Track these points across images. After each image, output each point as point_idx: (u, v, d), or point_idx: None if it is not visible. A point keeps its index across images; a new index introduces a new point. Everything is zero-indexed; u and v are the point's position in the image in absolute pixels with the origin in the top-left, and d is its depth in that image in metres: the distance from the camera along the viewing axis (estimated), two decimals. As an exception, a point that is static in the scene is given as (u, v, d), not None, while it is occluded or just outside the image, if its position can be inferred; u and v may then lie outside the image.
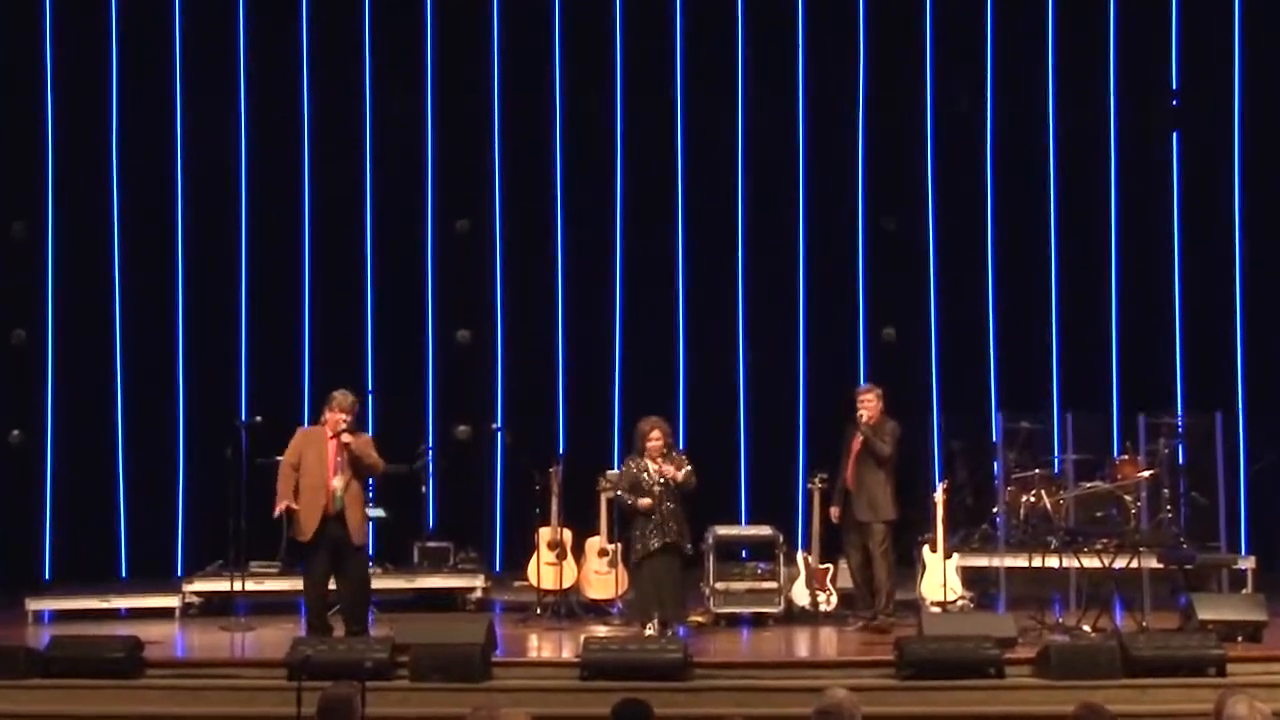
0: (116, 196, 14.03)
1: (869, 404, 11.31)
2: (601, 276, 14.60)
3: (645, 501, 10.97)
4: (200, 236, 14.17)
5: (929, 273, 14.63)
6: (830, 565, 11.92)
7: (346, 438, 10.37)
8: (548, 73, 14.51)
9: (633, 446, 11.37)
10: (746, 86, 14.57)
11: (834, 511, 11.45)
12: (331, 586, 10.62)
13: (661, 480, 10.99)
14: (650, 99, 14.54)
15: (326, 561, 10.44)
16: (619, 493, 11.19)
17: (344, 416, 10.42)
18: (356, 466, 10.40)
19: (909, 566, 12.21)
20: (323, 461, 10.38)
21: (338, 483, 10.37)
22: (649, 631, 10.80)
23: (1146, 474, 12.07)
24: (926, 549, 11.94)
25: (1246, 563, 12.36)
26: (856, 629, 11.27)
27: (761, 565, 11.93)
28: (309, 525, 10.38)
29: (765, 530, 12.21)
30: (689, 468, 11.06)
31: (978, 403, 14.17)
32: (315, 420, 10.94)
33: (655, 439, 11.04)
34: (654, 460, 11.01)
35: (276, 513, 10.43)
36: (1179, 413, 13.37)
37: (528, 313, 14.60)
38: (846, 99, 14.57)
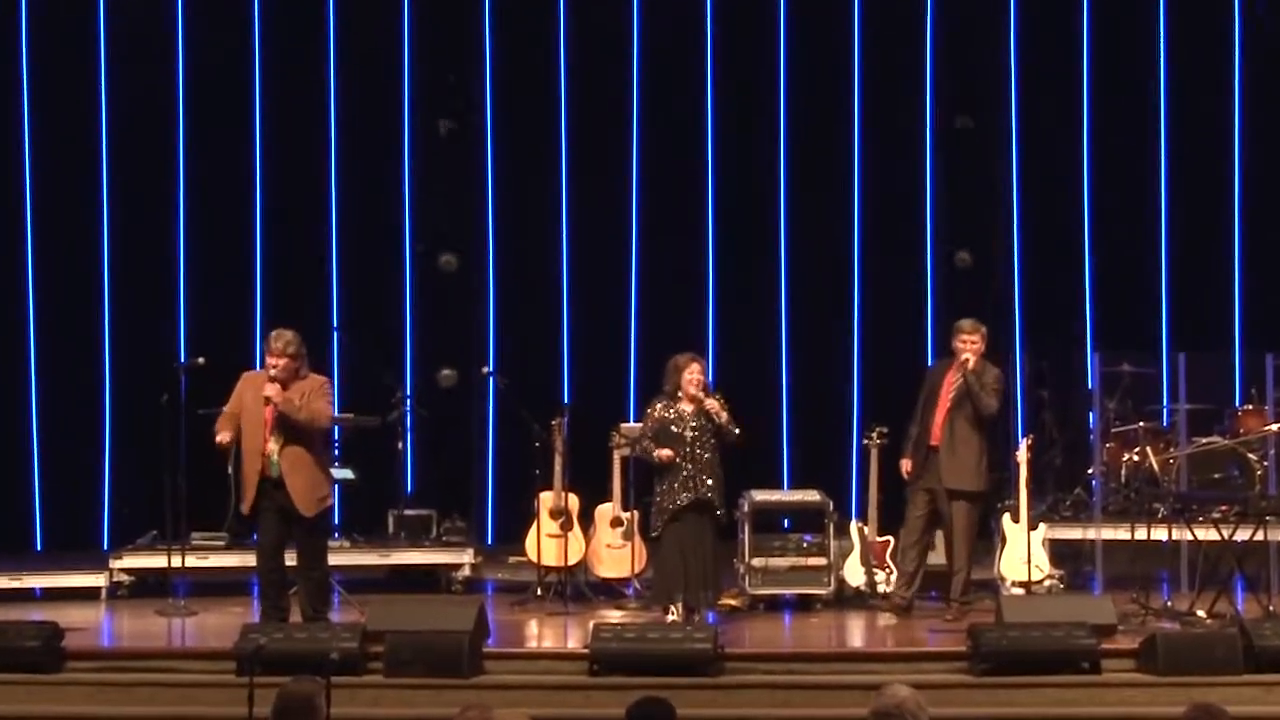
0: (27, 104, 14.04)
1: (974, 344, 11.17)
2: (615, 191, 14.58)
3: (666, 453, 10.86)
4: (128, 149, 14.19)
5: (1011, 184, 14.61)
6: (890, 538, 11.90)
7: (269, 390, 10.24)
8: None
9: (653, 393, 11.32)
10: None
11: (905, 465, 11.38)
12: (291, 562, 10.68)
13: (699, 423, 10.91)
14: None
15: (276, 532, 10.43)
16: (645, 442, 11.08)
17: (274, 361, 10.31)
18: (290, 424, 10.29)
19: (985, 539, 12.19)
20: (259, 417, 10.32)
21: (273, 444, 10.30)
22: (671, 617, 10.80)
23: (1275, 427, 12.03)
24: (1007, 518, 11.92)
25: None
26: (890, 609, 11.31)
27: (807, 538, 11.93)
28: (248, 493, 10.36)
29: (812, 496, 12.22)
30: (729, 415, 11.01)
31: (1070, 341, 14.15)
32: (271, 363, 10.96)
33: (695, 373, 10.99)
34: (692, 402, 10.99)
35: (218, 440, 10.30)
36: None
37: (525, 233, 14.58)
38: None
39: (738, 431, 10.96)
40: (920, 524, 11.29)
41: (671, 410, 10.98)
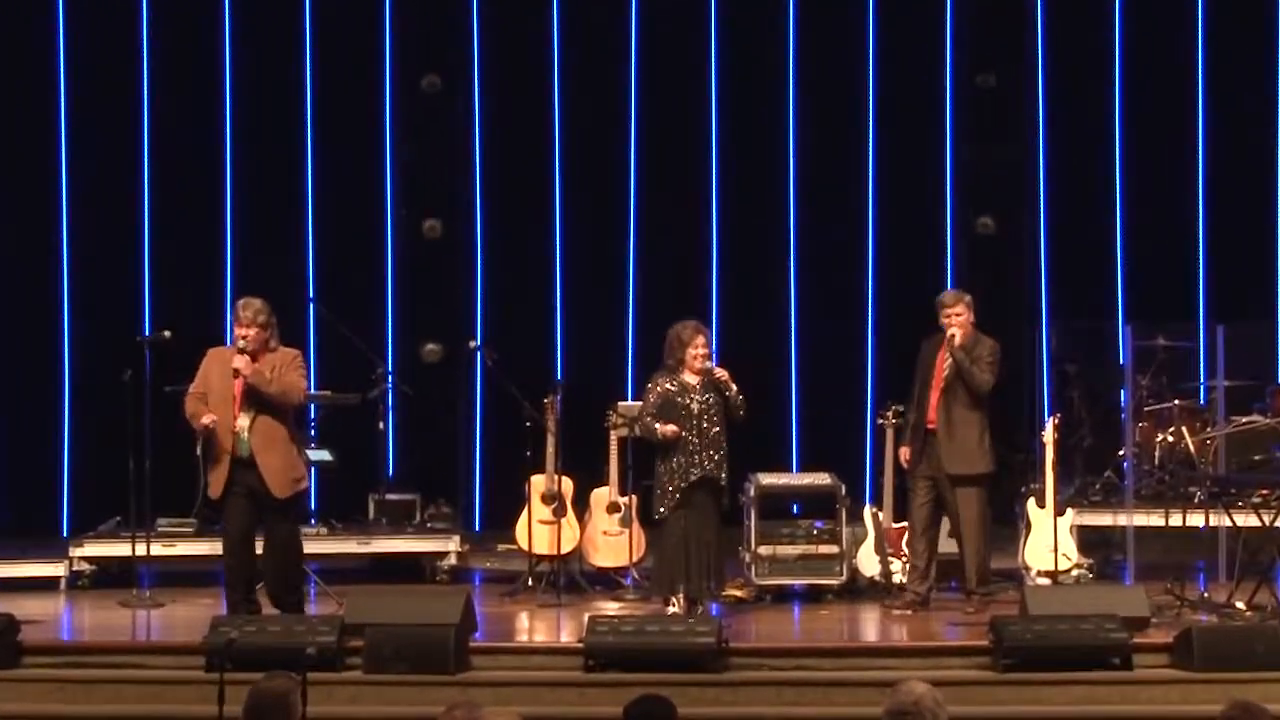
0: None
1: (958, 317, 11.18)
2: (613, 151, 14.57)
3: (670, 428, 10.83)
4: (87, 106, 14.17)
5: (1037, 145, 14.59)
6: (907, 524, 11.80)
7: (237, 361, 10.24)
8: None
9: (654, 368, 11.30)
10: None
11: (904, 453, 11.42)
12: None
13: (706, 395, 10.88)
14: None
15: (244, 519, 10.43)
16: (646, 419, 11.05)
17: (243, 332, 10.30)
18: (261, 398, 10.28)
19: (1009, 526, 12.20)
20: (228, 393, 10.33)
21: (242, 420, 10.31)
22: (672, 609, 10.80)
23: (1321, 405, 12.09)
24: (1032, 503, 11.92)
25: None
26: (901, 609, 11.28)
27: (818, 524, 11.94)
28: (217, 475, 10.34)
29: (823, 479, 12.21)
30: (737, 387, 10.99)
31: (1099, 312, 14.12)
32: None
33: (701, 346, 10.99)
34: (697, 374, 10.96)
35: (204, 423, 10.28)
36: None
37: (516, 196, 14.57)
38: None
39: (742, 404, 10.95)
40: (925, 514, 11.27)
41: (674, 382, 10.97)
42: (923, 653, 10.17)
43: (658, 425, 10.90)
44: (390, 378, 13.37)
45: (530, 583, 11.95)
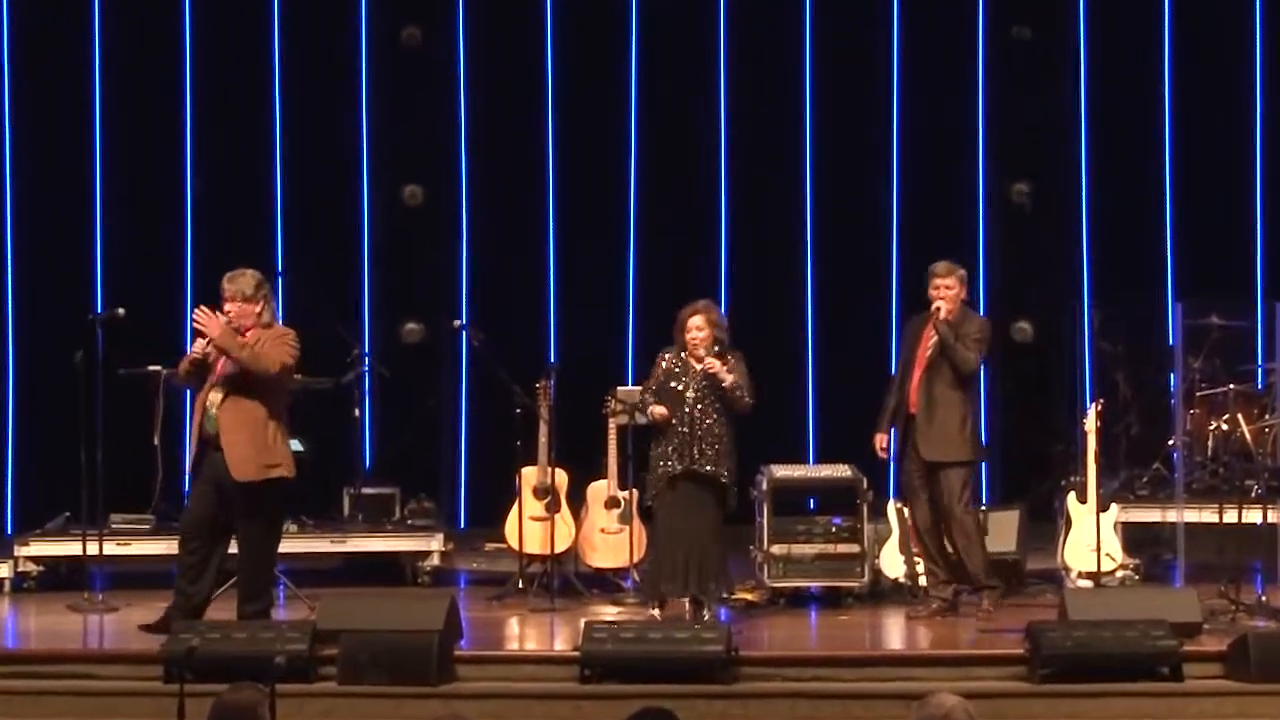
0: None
1: (947, 290, 11.20)
2: (611, 112, 14.55)
3: (659, 410, 10.89)
4: (33, 65, 14.18)
5: (1078, 105, 14.57)
6: (911, 523, 11.80)
7: (198, 315, 10.33)
8: None
9: (655, 349, 11.30)
10: None
11: (879, 440, 11.41)
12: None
13: (705, 382, 10.88)
14: None
15: (203, 504, 10.46)
16: (645, 395, 11.08)
17: (226, 308, 10.44)
18: (237, 374, 10.35)
19: (1048, 522, 12.22)
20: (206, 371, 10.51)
21: (214, 395, 10.37)
22: (654, 611, 10.88)
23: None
24: (1072, 498, 11.94)
25: None
26: (929, 614, 11.28)
27: (837, 520, 11.94)
28: (192, 455, 10.51)
29: (843, 471, 12.21)
30: (744, 377, 10.96)
31: (1147, 288, 14.11)
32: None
33: (698, 329, 10.97)
34: (697, 359, 10.97)
35: (197, 353, 10.37)
36: None
37: (505, 160, 14.56)
38: None
39: (748, 399, 10.96)
40: (926, 515, 11.29)
41: (679, 361, 10.99)
42: (952, 661, 10.17)
43: (652, 404, 10.94)
44: (366, 360, 13.37)
45: (521, 585, 11.96)
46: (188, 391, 11.80)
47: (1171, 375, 12.82)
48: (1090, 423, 11.72)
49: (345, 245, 14.45)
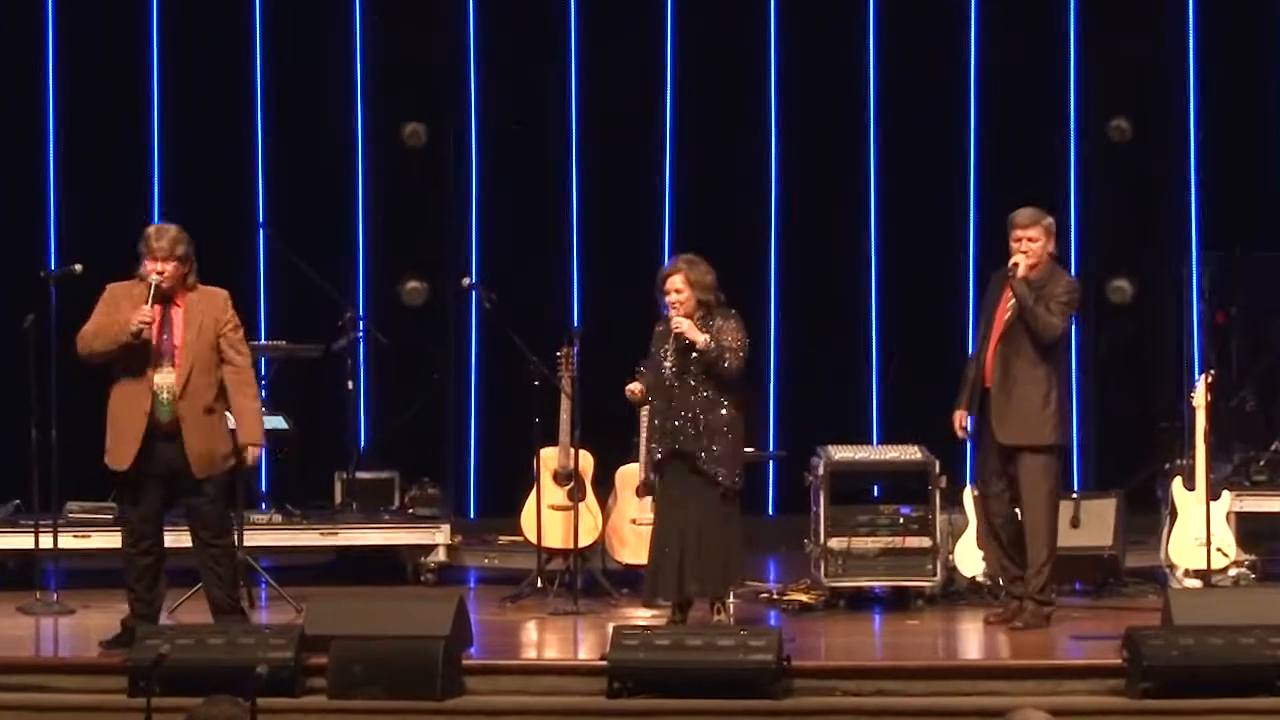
0: None
1: (1030, 242, 11.09)
2: (643, 37, 14.56)
3: (632, 386, 11.04)
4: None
5: (1185, 29, 14.55)
6: (1020, 510, 11.78)
7: (142, 318, 10.21)
8: None
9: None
10: None
11: (959, 417, 11.34)
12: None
13: (678, 346, 10.85)
14: None
15: (157, 501, 10.44)
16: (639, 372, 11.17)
17: (158, 267, 10.30)
18: (196, 355, 10.34)
19: (1148, 513, 12.27)
20: (141, 343, 10.30)
21: (163, 377, 10.31)
22: (650, 613, 11.02)
23: None
24: (1178, 485, 11.98)
25: None
26: (998, 621, 11.27)
27: (905, 510, 11.96)
28: (123, 445, 10.33)
29: (912, 453, 12.24)
30: (732, 339, 10.86)
31: (1266, 240, 14.01)
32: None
33: (676, 291, 10.90)
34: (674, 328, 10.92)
35: (138, 320, 10.21)
36: None
37: (519, 93, 14.56)
38: None
39: (733, 362, 10.86)
40: (1001, 506, 11.25)
41: (660, 327, 11.03)
42: (1039, 673, 10.14)
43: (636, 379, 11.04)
44: (361, 324, 13.43)
45: (539, 584, 12.02)
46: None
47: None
48: (1199, 397, 11.79)
49: (336, 192, 14.47)
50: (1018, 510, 11.17)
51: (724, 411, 10.90)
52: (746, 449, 11.36)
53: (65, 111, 14.27)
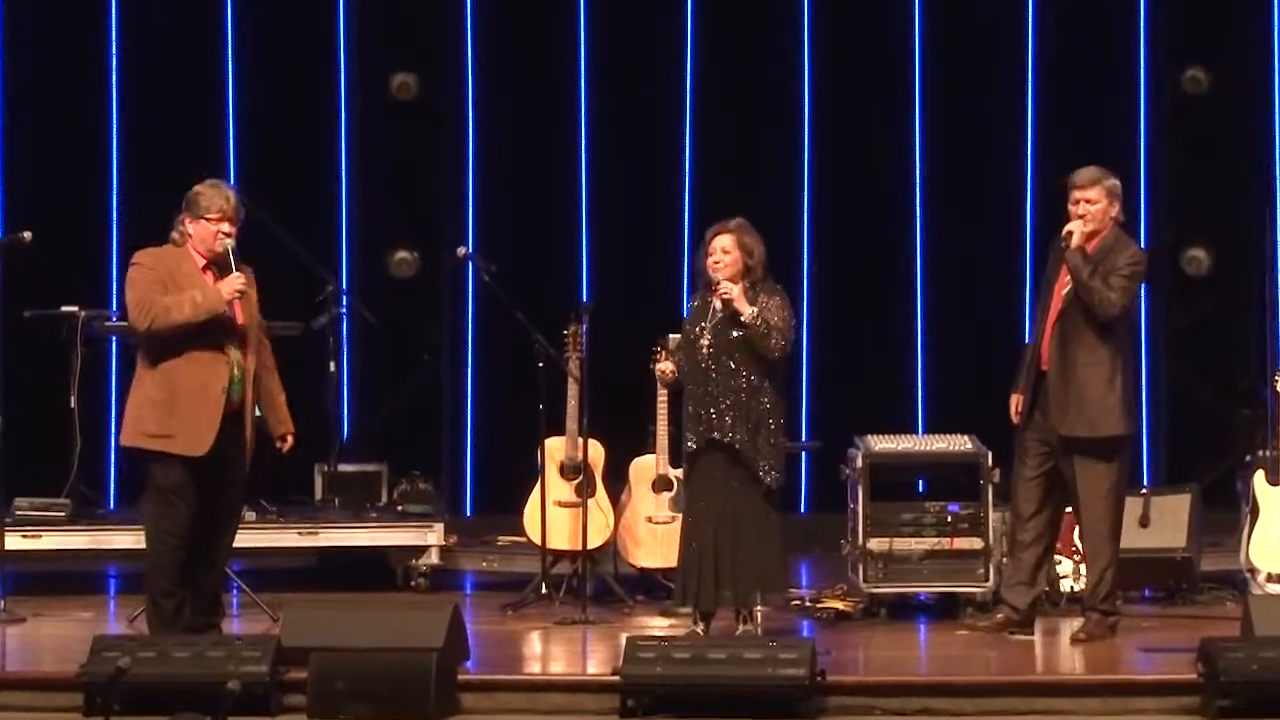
0: None
1: (1089, 205, 10.99)
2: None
3: (662, 366, 11.11)
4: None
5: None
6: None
7: (235, 283, 10.42)
8: None
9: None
10: None
11: (1014, 402, 11.26)
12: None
13: (718, 324, 10.81)
14: None
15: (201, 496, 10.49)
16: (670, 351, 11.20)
17: (231, 231, 10.52)
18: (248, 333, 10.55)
19: (1228, 510, 12.26)
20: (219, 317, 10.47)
21: (235, 354, 10.46)
22: (697, 628, 10.92)
23: None
24: (1260, 479, 11.98)
25: None
26: (994, 626, 11.28)
27: (953, 507, 11.95)
28: (197, 429, 10.35)
29: (961, 444, 12.23)
30: (779, 318, 10.81)
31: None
32: (139, 240, 10.78)
33: (724, 251, 10.85)
34: (718, 294, 10.87)
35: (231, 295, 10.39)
36: None
37: (521, 42, 14.61)
38: None
39: (780, 343, 10.81)
40: (1035, 491, 11.19)
41: (700, 303, 10.99)
42: (1104, 690, 10.12)
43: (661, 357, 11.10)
44: (344, 299, 13.45)
45: (544, 590, 12.03)
46: (114, 341, 11.78)
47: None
48: (1284, 384, 11.86)
49: (318, 151, 14.59)
50: (1044, 509, 11.14)
51: (767, 400, 10.84)
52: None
53: (11, 55, 14.33)
